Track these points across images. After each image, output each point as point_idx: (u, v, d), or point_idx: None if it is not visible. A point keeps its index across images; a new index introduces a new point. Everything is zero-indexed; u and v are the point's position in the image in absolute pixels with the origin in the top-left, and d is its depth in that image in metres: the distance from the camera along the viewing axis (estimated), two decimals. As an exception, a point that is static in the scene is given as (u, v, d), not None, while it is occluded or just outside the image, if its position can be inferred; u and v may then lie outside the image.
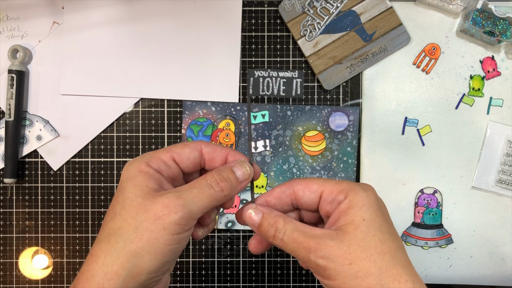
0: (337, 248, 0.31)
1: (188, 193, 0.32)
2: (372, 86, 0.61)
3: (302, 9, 0.60)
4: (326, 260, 0.31)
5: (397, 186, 0.61)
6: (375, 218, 0.32)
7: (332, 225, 0.33)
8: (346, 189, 0.33)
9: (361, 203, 0.32)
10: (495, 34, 0.58)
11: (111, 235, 0.31)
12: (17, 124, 0.60)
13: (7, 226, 0.62)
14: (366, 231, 0.31)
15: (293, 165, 0.61)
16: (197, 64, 0.61)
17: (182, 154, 0.35)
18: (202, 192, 0.32)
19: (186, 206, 0.31)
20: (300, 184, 0.35)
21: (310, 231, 0.32)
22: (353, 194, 0.32)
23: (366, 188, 0.33)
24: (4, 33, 0.61)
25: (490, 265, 0.61)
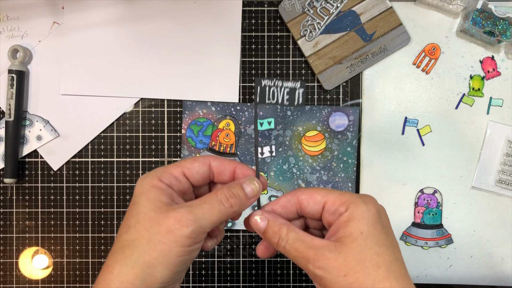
0: (334, 259, 0.32)
1: (199, 209, 0.33)
2: (372, 86, 0.61)
3: (302, 9, 0.60)
4: (323, 270, 0.32)
5: (397, 186, 0.61)
6: (373, 232, 0.33)
7: (331, 236, 0.34)
8: (347, 201, 0.34)
9: (361, 216, 0.33)
10: (495, 34, 0.58)
11: (126, 246, 0.33)
12: (17, 124, 0.60)
13: (7, 226, 0.62)
14: (363, 244, 0.32)
15: (293, 165, 0.61)
16: (197, 64, 0.61)
17: (192, 169, 0.36)
18: (213, 208, 0.34)
19: (197, 221, 0.33)
20: (304, 194, 0.36)
21: (311, 241, 0.33)
22: (353, 207, 0.33)
23: (367, 200, 0.34)
24: (4, 33, 0.61)
25: (490, 265, 0.61)
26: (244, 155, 0.61)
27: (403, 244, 0.61)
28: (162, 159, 0.62)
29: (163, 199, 0.34)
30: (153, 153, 0.62)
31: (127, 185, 0.62)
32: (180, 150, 0.62)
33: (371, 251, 0.32)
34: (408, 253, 0.61)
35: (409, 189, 0.61)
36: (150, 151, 0.62)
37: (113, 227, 0.62)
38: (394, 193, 0.61)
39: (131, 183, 0.62)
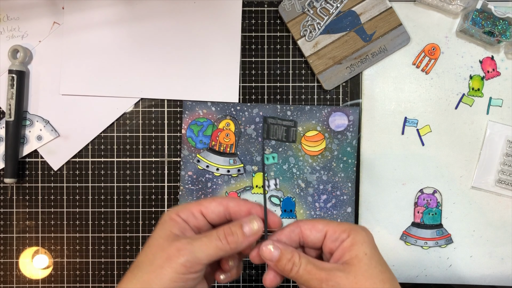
0: (345, 278, 0.36)
1: (198, 241, 0.37)
2: (372, 86, 0.61)
3: (302, 9, 0.60)
4: None
5: (396, 186, 0.61)
6: (374, 253, 0.37)
7: (337, 260, 0.38)
8: (348, 229, 0.38)
9: (362, 240, 0.37)
10: (495, 34, 0.58)
11: (135, 266, 0.38)
12: (18, 124, 0.60)
13: (7, 226, 0.62)
14: (368, 263, 0.37)
15: (293, 165, 0.61)
16: (197, 64, 0.61)
17: (209, 208, 0.40)
18: (210, 242, 0.37)
19: (193, 252, 0.36)
20: (307, 224, 0.40)
21: (321, 265, 0.37)
22: (355, 233, 0.38)
23: (364, 228, 0.39)
24: (4, 33, 0.61)
25: (490, 265, 0.61)
26: (244, 155, 0.61)
27: (403, 244, 0.61)
28: (162, 159, 0.62)
29: (174, 231, 0.38)
30: (153, 153, 0.62)
31: (127, 185, 0.62)
32: (180, 150, 0.62)
33: (376, 269, 0.37)
34: (407, 253, 0.61)
35: (409, 189, 0.61)
36: (150, 151, 0.62)
37: (113, 227, 0.62)
38: (394, 193, 0.61)
39: (131, 183, 0.62)
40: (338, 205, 0.61)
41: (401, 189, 0.61)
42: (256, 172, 0.61)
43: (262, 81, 0.62)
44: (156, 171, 0.62)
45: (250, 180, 0.61)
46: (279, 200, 0.61)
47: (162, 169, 0.62)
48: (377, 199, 0.61)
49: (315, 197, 0.61)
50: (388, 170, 0.60)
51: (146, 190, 0.62)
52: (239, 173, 0.61)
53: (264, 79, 0.62)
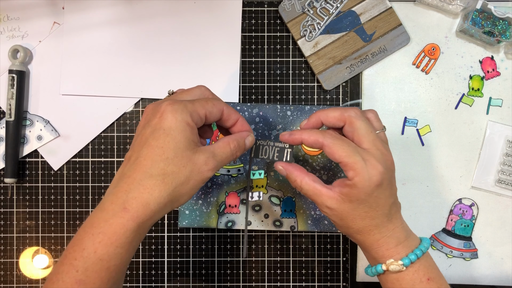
0: (334, 208, 0.44)
1: (220, 157, 0.43)
2: (372, 86, 0.61)
3: (302, 10, 0.60)
4: (328, 211, 0.45)
5: (396, 186, 0.60)
6: (367, 199, 0.43)
7: (338, 185, 0.45)
8: (356, 167, 0.42)
9: (361, 187, 0.42)
10: (495, 34, 0.58)
11: (166, 175, 0.39)
12: (18, 124, 0.60)
13: (7, 226, 0.62)
14: (356, 207, 0.43)
15: (293, 165, 0.61)
16: (197, 64, 0.61)
17: (212, 113, 0.43)
18: (227, 157, 0.44)
19: (218, 165, 0.43)
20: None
21: (318, 190, 0.45)
22: (358, 178, 0.42)
23: (373, 169, 0.43)
24: (4, 33, 0.61)
25: (490, 265, 0.61)
26: (244, 155, 0.61)
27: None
28: (162, 159, 0.62)
29: (195, 139, 0.41)
30: (153, 153, 0.62)
31: (127, 185, 0.62)
32: (180, 150, 0.62)
33: (361, 210, 0.43)
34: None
35: (409, 189, 0.61)
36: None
37: (113, 227, 0.62)
38: (394, 193, 0.61)
39: (131, 183, 0.62)
40: (338, 205, 0.61)
41: (401, 189, 0.61)
42: (256, 172, 0.61)
43: (262, 81, 0.62)
44: (156, 171, 0.62)
45: (250, 180, 0.61)
46: (279, 200, 0.61)
47: (162, 169, 0.62)
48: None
49: (315, 197, 0.61)
50: (388, 170, 0.60)
51: (146, 190, 0.62)
52: (239, 173, 0.61)
53: (264, 79, 0.62)
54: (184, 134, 0.40)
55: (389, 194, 0.44)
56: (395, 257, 0.44)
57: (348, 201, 0.43)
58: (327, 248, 0.62)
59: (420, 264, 0.44)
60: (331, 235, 0.62)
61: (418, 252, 0.44)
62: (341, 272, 0.62)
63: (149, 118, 0.42)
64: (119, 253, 0.39)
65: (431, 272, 0.44)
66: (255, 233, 0.62)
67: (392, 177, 0.45)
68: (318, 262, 0.62)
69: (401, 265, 0.43)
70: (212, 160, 0.41)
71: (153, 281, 0.62)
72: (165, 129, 0.40)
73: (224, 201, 0.61)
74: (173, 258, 0.62)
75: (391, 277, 0.44)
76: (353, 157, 0.42)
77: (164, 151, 0.39)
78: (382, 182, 0.43)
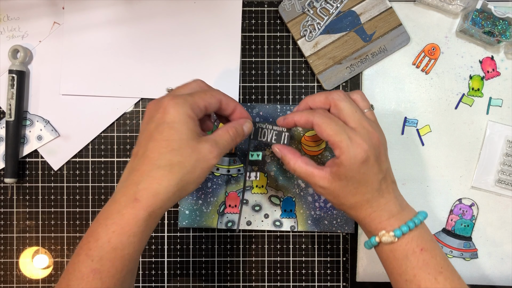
0: (326, 187, 0.46)
1: (221, 144, 0.45)
2: (372, 86, 0.61)
3: (302, 10, 0.60)
4: (321, 190, 0.47)
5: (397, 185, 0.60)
6: (354, 176, 0.45)
7: (328, 166, 0.47)
8: (342, 148, 0.45)
9: (347, 164, 0.45)
10: (495, 34, 0.58)
11: (173, 165, 0.42)
12: (18, 124, 0.60)
13: (7, 226, 0.62)
14: (345, 184, 0.45)
15: (293, 165, 0.61)
16: (197, 64, 0.61)
17: (211, 104, 0.46)
18: (227, 141, 0.46)
19: (221, 153, 0.45)
20: (317, 126, 0.47)
21: (310, 171, 0.47)
22: (344, 156, 0.45)
23: (357, 146, 0.45)
24: (4, 33, 0.62)
25: (490, 265, 0.61)
26: (244, 155, 0.61)
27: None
28: (162, 159, 0.62)
29: (197, 130, 0.44)
30: (153, 153, 0.62)
31: (127, 185, 0.62)
32: (180, 150, 0.62)
33: (351, 187, 0.45)
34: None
35: (409, 189, 0.61)
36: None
37: (113, 227, 0.62)
38: (394, 193, 0.61)
39: (131, 183, 0.62)
40: (338, 205, 0.61)
41: (401, 189, 0.60)
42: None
43: (262, 81, 0.62)
44: (156, 171, 0.62)
45: (250, 180, 0.61)
46: (279, 200, 0.61)
47: (162, 169, 0.62)
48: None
49: (315, 197, 0.61)
50: (388, 170, 0.60)
51: (146, 190, 0.62)
52: (239, 173, 0.61)
53: (264, 79, 0.62)
54: (187, 126, 0.42)
55: (378, 170, 0.46)
56: (387, 229, 0.46)
57: (338, 179, 0.45)
58: (327, 248, 0.62)
59: (413, 236, 0.45)
60: (331, 235, 0.62)
61: (411, 223, 0.45)
62: (341, 272, 0.62)
63: (152, 114, 0.44)
64: (132, 242, 0.41)
65: (424, 243, 0.45)
66: (255, 233, 0.62)
67: (380, 154, 0.46)
68: (318, 262, 0.62)
69: (393, 236, 0.45)
70: (216, 147, 0.44)
71: (153, 281, 0.62)
72: (169, 123, 0.42)
73: (224, 201, 0.61)
74: (173, 258, 0.62)
75: (386, 249, 0.46)
76: (339, 136, 0.44)
77: (169, 143, 0.42)
78: (368, 159, 0.45)
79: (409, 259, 0.45)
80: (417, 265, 0.45)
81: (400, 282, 0.46)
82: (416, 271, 0.45)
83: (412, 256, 0.45)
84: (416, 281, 0.45)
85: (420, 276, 0.45)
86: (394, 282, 0.47)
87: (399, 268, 0.46)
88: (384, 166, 0.47)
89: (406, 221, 0.46)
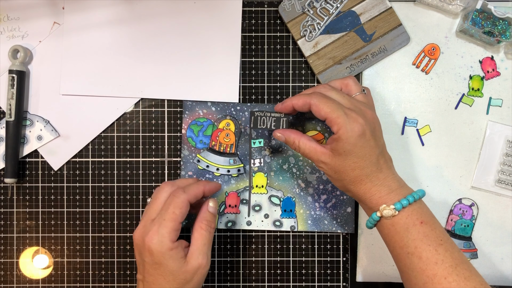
0: (328, 163, 0.50)
1: (204, 246, 0.51)
2: (372, 86, 0.61)
3: (302, 10, 0.60)
4: (323, 165, 0.51)
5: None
6: (352, 149, 0.48)
7: (329, 143, 0.50)
8: (339, 124, 0.48)
9: (345, 138, 0.48)
10: (495, 34, 0.58)
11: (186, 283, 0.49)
12: (18, 124, 0.60)
13: (7, 226, 0.62)
14: (344, 158, 0.48)
15: (293, 165, 0.61)
16: (197, 64, 0.61)
17: (183, 217, 0.50)
18: (209, 237, 0.52)
19: (209, 250, 0.51)
20: (314, 106, 0.50)
21: (314, 148, 0.51)
22: (341, 131, 0.48)
23: (354, 121, 0.48)
24: (4, 34, 0.62)
25: (489, 265, 0.61)
26: (244, 155, 0.61)
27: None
28: (162, 159, 0.62)
29: (181, 254, 0.49)
30: (153, 153, 0.62)
31: (127, 185, 0.62)
32: (180, 150, 0.62)
33: (350, 161, 0.48)
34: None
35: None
36: (150, 151, 0.62)
37: (113, 227, 0.62)
38: (393, 193, 0.61)
39: (131, 183, 0.62)
40: (338, 205, 0.61)
41: (401, 189, 0.61)
42: (256, 172, 0.61)
43: (262, 81, 0.62)
44: (156, 171, 0.62)
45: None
46: (279, 200, 0.61)
47: (162, 169, 0.62)
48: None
49: (315, 197, 0.61)
50: (388, 170, 0.60)
51: (146, 190, 0.62)
52: (239, 173, 0.61)
53: (264, 79, 0.62)
54: (173, 260, 0.48)
55: (374, 144, 0.48)
56: (388, 203, 0.48)
57: (338, 154, 0.48)
58: (327, 248, 0.62)
59: (413, 210, 0.47)
60: (331, 235, 0.62)
61: (410, 198, 0.47)
62: (341, 272, 0.62)
63: (140, 250, 0.50)
64: None
65: (424, 216, 0.47)
66: (255, 233, 0.62)
67: (375, 129, 0.49)
68: (318, 262, 0.62)
69: (393, 209, 0.47)
70: (201, 255, 0.50)
71: (153, 281, 0.62)
72: (156, 259, 0.48)
73: (224, 201, 0.61)
74: (173, 258, 0.62)
75: (387, 223, 0.48)
76: (336, 112, 0.47)
77: (164, 276, 0.48)
78: (364, 132, 0.47)
79: (409, 232, 0.47)
80: (418, 237, 0.46)
81: (402, 255, 0.47)
82: (417, 243, 0.46)
83: (413, 229, 0.47)
84: (417, 252, 0.46)
85: (421, 248, 0.46)
86: (396, 257, 0.48)
87: (400, 241, 0.47)
88: (380, 141, 0.50)
89: (406, 195, 0.48)
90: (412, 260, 0.46)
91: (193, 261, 0.49)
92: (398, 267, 0.49)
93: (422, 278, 0.45)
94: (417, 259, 0.46)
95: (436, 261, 0.45)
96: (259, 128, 0.54)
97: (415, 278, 0.46)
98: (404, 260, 0.47)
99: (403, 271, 0.48)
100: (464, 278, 0.45)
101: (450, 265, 0.45)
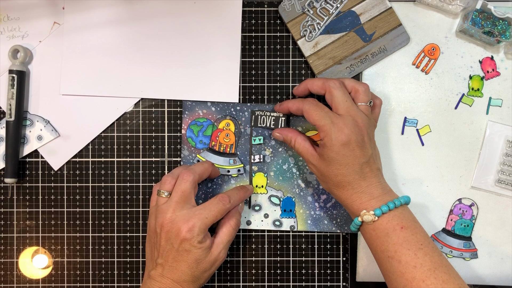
0: (317, 165, 0.53)
1: (228, 240, 0.55)
2: (372, 86, 0.61)
3: (302, 10, 0.60)
4: (313, 167, 0.54)
5: (396, 186, 0.61)
6: (335, 157, 0.50)
7: (319, 148, 0.53)
8: (325, 131, 0.51)
9: (329, 146, 0.50)
10: (495, 34, 0.58)
11: (196, 278, 0.52)
12: (18, 124, 0.60)
13: (7, 226, 0.62)
14: (328, 164, 0.51)
15: (293, 165, 0.61)
16: (197, 64, 0.61)
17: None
18: (233, 234, 0.56)
19: (229, 244, 0.55)
20: (306, 113, 0.54)
21: (308, 149, 0.54)
22: (327, 139, 0.50)
23: (339, 130, 0.50)
24: (4, 34, 0.62)
25: (489, 265, 0.61)
26: (244, 155, 0.61)
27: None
28: (162, 159, 0.62)
29: (209, 245, 0.52)
30: (153, 153, 0.62)
31: (127, 185, 0.62)
32: (180, 150, 0.62)
33: (333, 167, 0.51)
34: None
35: (409, 189, 0.61)
36: (150, 151, 0.62)
37: (113, 227, 0.62)
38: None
39: (131, 183, 0.62)
40: (338, 205, 0.61)
41: (401, 189, 0.61)
42: (256, 172, 0.61)
43: (262, 81, 0.62)
44: (156, 171, 0.62)
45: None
46: (279, 200, 0.61)
47: (162, 169, 0.62)
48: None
49: (315, 197, 0.61)
50: (388, 170, 0.60)
51: (146, 190, 0.62)
52: (239, 173, 0.61)
53: (264, 79, 0.62)
54: (202, 250, 0.51)
55: (360, 154, 0.50)
56: (368, 209, 0.49)
57: (323, 159, 0.51)
58: (327, 248, 0.62)
59: (393, 215, 0.49)
60: (331, 235, 0.62)
61: (391, 204, 0.49)
62: (341, 272, 0.62)
63: (170, 236, 0.51)
64: None
65: (405, 222, 0.49)
66: (255, 233, 0.62)
67: (363, 140, 0.50)
68: (318, 262, 0.62)
69: (373, 215, 0.49)
70: (224, 251, 0.53)
71: (153, 281, 0.62)
72: (187, 250, 0.51)
73: (224, 201, 0.61)
74: (173, 258, 0.62)
75: (368, 228, 0.50)
76: (323, 120, 0.50)
77: (189, 264, 0.51)
78: (349, 142, 0.49)
79: (390, 237, 0.48)
80: (398, 242, 0.48)
81: (383, 259, 0.49)
82: (396, 247, 0.48)
83: (393, 234, 0.48)
84: (397, 256, 0.48)
85: (401, 252, 0.47)
86: (378, 261, 0.50)
87: (381, 245, 0.49)
88: (368, 151, 0.51)
89: (387, 201, 0.49)
90: (392, 263, 0.48)
91: (216, 252, 0.52)
92: (380, 270, 0.50)
93: (402, 281, 0.47)
94: (397, 263, 0.47)
95: (415, 265, 0.47)
96: (259, 127, 0.57)
97: (396, 281, 0.48)
98: (385, 264, 0.49)
99: (385, 274, 0.50)
100: (442, 281, 0.46)
101: (428, 268, 0.46)
